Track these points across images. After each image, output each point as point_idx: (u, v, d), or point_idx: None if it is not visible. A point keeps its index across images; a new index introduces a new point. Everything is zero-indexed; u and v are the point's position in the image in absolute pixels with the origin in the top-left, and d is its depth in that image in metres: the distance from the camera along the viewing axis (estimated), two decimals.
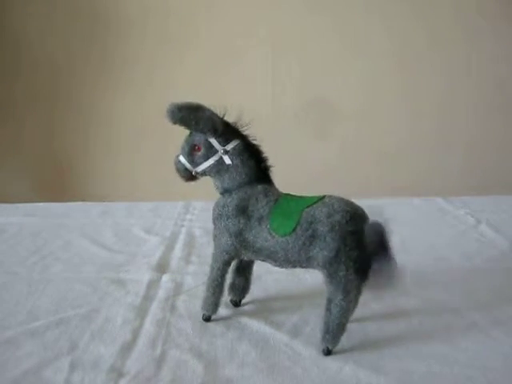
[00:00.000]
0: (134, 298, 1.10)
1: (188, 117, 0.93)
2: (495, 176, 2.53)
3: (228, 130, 0.96)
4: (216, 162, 0.97)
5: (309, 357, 0.89)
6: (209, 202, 1.04)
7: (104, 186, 2.56)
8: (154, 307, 1.07)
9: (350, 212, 0.89)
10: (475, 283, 1.19)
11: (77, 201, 1.88)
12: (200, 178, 1.00)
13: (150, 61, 2.48)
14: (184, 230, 1.55)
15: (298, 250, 0.90)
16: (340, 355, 0.90)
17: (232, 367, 0.86)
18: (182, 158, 0.99)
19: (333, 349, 0.90)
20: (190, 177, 1.00)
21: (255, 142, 0.98)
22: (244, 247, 0.95)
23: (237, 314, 1.04)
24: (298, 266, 0.93)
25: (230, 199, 0.96)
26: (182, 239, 1.47)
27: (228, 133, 0.96)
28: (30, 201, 1.86)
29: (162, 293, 1.13)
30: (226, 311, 1.05)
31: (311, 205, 0.91)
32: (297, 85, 2.51)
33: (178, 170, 1.00)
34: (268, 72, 2.49)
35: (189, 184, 1.05)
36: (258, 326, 0.99)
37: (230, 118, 0.98)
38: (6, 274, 1.23)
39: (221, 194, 0.99)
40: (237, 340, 0.95)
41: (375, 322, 1.02)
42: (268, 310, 1.06)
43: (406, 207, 1.77)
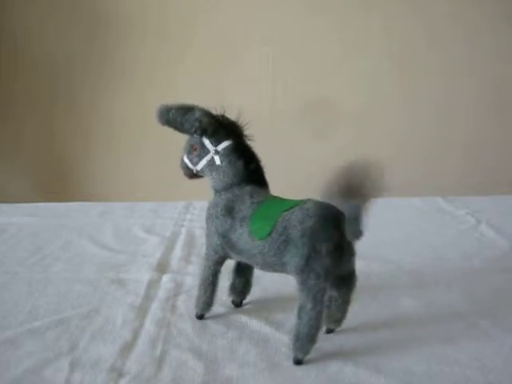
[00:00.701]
0: (134, 298, 1.10)
1: (175, 119, 0.94)
2: (495, 176, 2.54)
3: (221, 130, 0.96)
4: (208, 161, 0.97)
5: (308, 357, 0.89)
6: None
7: (104, 186, 2.56)
8: (155, 307, 1.07)
9: (324, 217, 0.85)
10: (475, 283, 1.19)
11: (77, 201, 1.88)
12: (203, 176, 1.01)
13: (151, 61, 2.48)
14: (184, 229, 1.55)
15: (274, 254, 0.88)
16: (340, 355, 0.90)
17: (232, 367, 0.86)
18: (185, 157, 1.01)
19: (303, 358, 0.87)
20: (192, 175, 1.02)
21: (249, 142, 0.98)
22: (230, 248, 0.95)
23: (237, 314, 1.04)
24: (276, 270, 0.91)
25: (219, 200, 0.96)
26: (182, 239, 1.47)
27: (220, 133, 0.96)
28: (30, 201, 1.86)
29: (162, 293, 1.13)
30: (226, 311, 1.05)
31: (289, 209, 0.88)
32: (297, 85, 2.51)
33: (182, 168, 1.02)
34: (268, 72, 2.49)
35: (189, 184, 1.05)
36: (258, 326, 0.99)
37: (229, 118, 0.98)
38: (5, 273, 1.23)
39: (214, 194, 0.99)
40: (237, 340, 0.95)
41: (375, 322, 1.01)
42: (268, 310, 1.06)
43: (406, 207, 1.77)
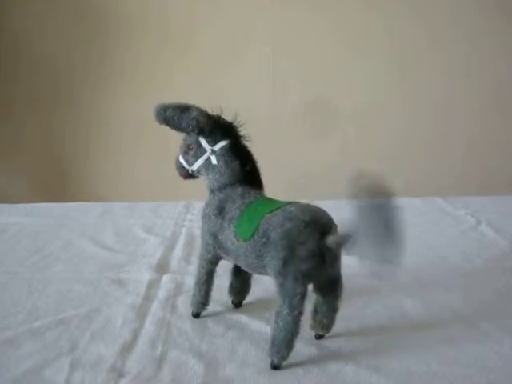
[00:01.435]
0: (134, 298, 1.10)
1: (172, 117, 0.94)
2: (495, 176, 2.54)
3: (218, 130, 0.96)
4: (204, 161, 0.97)
5: (309, 357, 0.89)
6: None
7: (104, 186, 2.56)
8: (155, 307, 1.07)
9: (305, 221, 0.84)
10: (475, 283, 1.19)
11: (77, 201, 1.88)
12: (198, 176, 1.01)
13: (150, 61, 2.48)
14: (184, 230, 1.55)
15: (255, 256, 0.87)
16: (340, 355, 0.90)
17: (232, 367, 0.86)
18: (180, 157, 1.01)
19: (279, 363, 0.85)
20: (187, 175, 1.02)
21: (246, 143, 0.98)
22: (219, 248, 0.96)
23: (237, 314, 1.04)
24: (260, 272, 0.91)
25: (213, 200, 0.97)
26: (182, 239, 1.47)
27: (217, 133, 0.96)
28: (30, 201, 1.86)
29: (162, 293, 1.13)
30: (226, 311, 1.05)
31: (273, 211, 0.87)
32: (297, 85, 2.51)
33: (177, 169, 1.02)
34: (268, 72, 2.49)
35: (189, 184, 1.05)
36: (258, 326, 0.99)
37: (226, 118, 0.98)
38: (6, 273, 1.23)
39: (209, 194, 1.00)
40: (237, 340, 0.95)
41: (375, 322, 1.02)
42: (268, 310, 1.05)
43: (406, 207, 1.76)
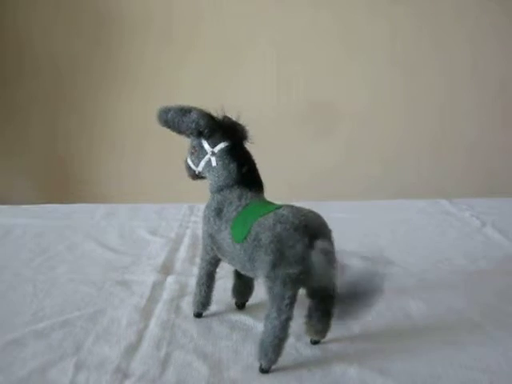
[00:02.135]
0: (138, 300, 1.10)
1: (173, 120, 0.95)
2: (500, 177, 2.53)
3: (218, 132, 0.96)
4: (206, 163, 0.98)
5: (314, 359, 0.89)
6: None
7: (109, 188, 2.56)
8: (159, 309, 1.07)
9: (295, 224, 0.83)
10: (480, 285, 1.19)
11: (81, 202, 1.88)
12: (206, 177, 1.01)
13: (154, 62, 2.48)
14: (189, 231, 1.55)
15: (248, 259, 0.87)
16: (344, 357, 0.90)
17: (237, 369, 0.86)
18: (188, 158, 1.02)
19: (267, 367, 0.85)
20: (194, 176, 1.03)
21: (247, 144, 0.98)
22: (217, 249, 0.96)
23: (241, 316, 1.04)
24: (253, 276, 0.91)
25: (212, 201, 0.98)
26: (186, 241, 1.47)
27: (217, 135, 0.96)
28: (34, 202, 1.87)
29: (166, 294, 1.13)
30: (230, 313, 1.06)
31: (266, 214, 0.87)
32: (301, 86, 2.51)
33: (186, 170, 1.04)
34: (273, 74, 2.49)
35: (193, 186, 1.06)
36: (262, 328, 0.99)
37: (231, 119, 0.98)
38: (11, 275, 1.24)
39: (210, 196, 1.00)
40: (241, 342, 0.95)
41: (379, 324, 1.02)
42: None
43: (411, 209, 1.77)
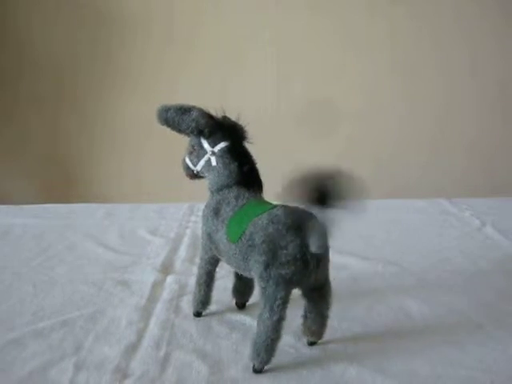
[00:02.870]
0: (138, 300, 1.10)
1: (172, 119, 0.95)
2: (500, 177, 2.53)
3: (218, 131, 0.96)
4: (205, 162, 0.98)
5: (313, 358, 0.89)
6: None
7: (109, 188, 2.56)
8: (159, 308, 1.07)
9: (288, 224, 0.83)
10: (479, 285, 1.19)
11: (81, 202, 1.88)
12: (204, 177, 1.01)
13: (155, 62, 2.48)
14: (188, 231, 1.55)
15: (242, 259, 0.88)
16: (344, 357, 0.90)
17: (236, 369, 0.86)
18: (186, 157, 1.02)
19: (260, 367, 0.84)
20: (192, 175, 1.03)
21: (247, 144, 0.99)
22: (215, 248, 0.96)
23: (241, 316, 1.04)
24: (249, 275, 0.90)
25: (211, 201, 0.98)
26: (186, 241, 1.47)
27: (217, 135, 0.96)
28: (34, 202, 1.87)
29: (166, 294, 1.13)
30: (229, 312, 1.06)
31: (261, 213, 0.87)
32: (300, 87, 2.51)
33: (184, 169, 1.03)
34: (272, 74, 2.49)
35: (193, 186, 1.06)
36: None
37: (231, 119, 0.98)
38: (11, 274, 1.24)
39: (209, 195, 1.00)
40: (241, 341, 0.95)
41: (379, 324, 1.02)
42: None
43: (410, 209, 1.77)
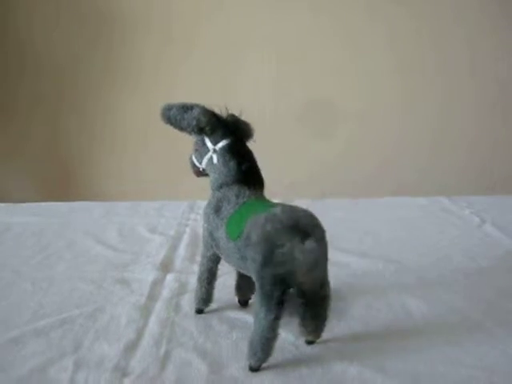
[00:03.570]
0: (138, 298, 1.10)
1: (175, 117, 0.96)
2: (500, 175, 2.53)
3: (219, 129, 0.97)
4: (208, 160, 0.99)
5: (314, 356, 0.89)
6: None
7: (108, 186, 2.56)
8: (159, 307, 1.07)
9: (285, 224, 0.82)
10: (479, 283, 1.19)
11: (81, 200, 1.88)
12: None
13: (155, 61, 2.48)
14: (188, 229, 1.55)
15: (240, 257, 0.87)
16: (345, 355, 0.89)
17: (237, 367, 0.86)
18: (193, 155, 1.03)
19: (256, 366, 0.85)
20: (199, 173, 1.04)
21: (248, 142, 0.99)
22: (216, 246, 0.96)
23: (241, 314, 1.04)
24: (247, 273, 0.90)
25: (212, 199, 0.98)
26: (186, 239, 1.47)
27: (219, 133, 0.97)
28: (34, 200, 1.87)
29: (166, 292, 1.13)
30: (230, 310, 1.05)
31: (260, 212, 0.86)
32: (300, 85, 2.50)
33: (191, 167, 1.04)
34: (272, 73, 2.49)
35: (193, 183, 1.06)
36: None
37: (234, 117, 0.98)
38: (10, 272, 1.24)
39: (211, 193, 1.00)
40: (241, 340, 0.94)
41: (379, 322, 1.01)
42: None
43: (410, 206, 1.77)
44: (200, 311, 1.04)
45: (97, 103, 2.52)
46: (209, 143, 0.97)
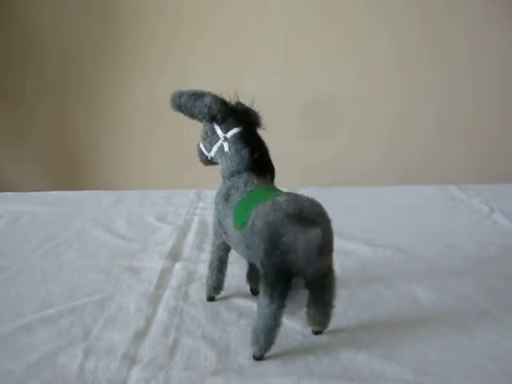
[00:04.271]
0: (147, 286, 1.11)
1: (185, 104, 0.95)
2: (509, 163, 2.51)
3: (230, 117, 0.96)
4: (218, 148, 0.98)
5: (321, 345, 0.89)
6: None
7: (116, 175, 2.56)
8: (167, 295, 1.07)
9: (289, 213, 0.81)
10: (488, 271, 1.18)
11: (89, 189, 1.89)
12: (218, 163, 1.01)
13: (163, 50, 2.47)
14: (196, 218, 1.55)
15: (246, 245, 0.87)
16: (352, 344, 0.90)
17: (244, 355, 0.86)
18: (200, 143, 1.02)
19: (259, 354, 0.85)
20: (207, 161, 1.03)
21: (260, 130, 0.98)
22: (224, 234, 0.96)
23: (250, 302, 1.04)
24: (253, 262, 0.90)
25: (223, 187, 0.98)
26: (194, 227, 1.47)
27: (230, 120, 0.96)
28: (42, 189, 1.87)
29: (174, 281, 1.14)
30: (238, 299, 1.06)
31: (266, 200, 0.86)
32: (309, 76, 2.49)
33: (198, 155, 1.04)
34: (280, 61, 2.48)
35: (201, 172, 1.05)
36: None
37: (244, 105, 0.97)
38: (19, 261, 1.24)
39: (222, 181, 1.00)
40: (249, 328, 0.94)
41: (388, 311, 1.01)
42: None
43: (419, 195, 1.76)
44: (211, 299, 1.05)
45: (104, 92, 2.52)
46: (219, 131, 0.97)
